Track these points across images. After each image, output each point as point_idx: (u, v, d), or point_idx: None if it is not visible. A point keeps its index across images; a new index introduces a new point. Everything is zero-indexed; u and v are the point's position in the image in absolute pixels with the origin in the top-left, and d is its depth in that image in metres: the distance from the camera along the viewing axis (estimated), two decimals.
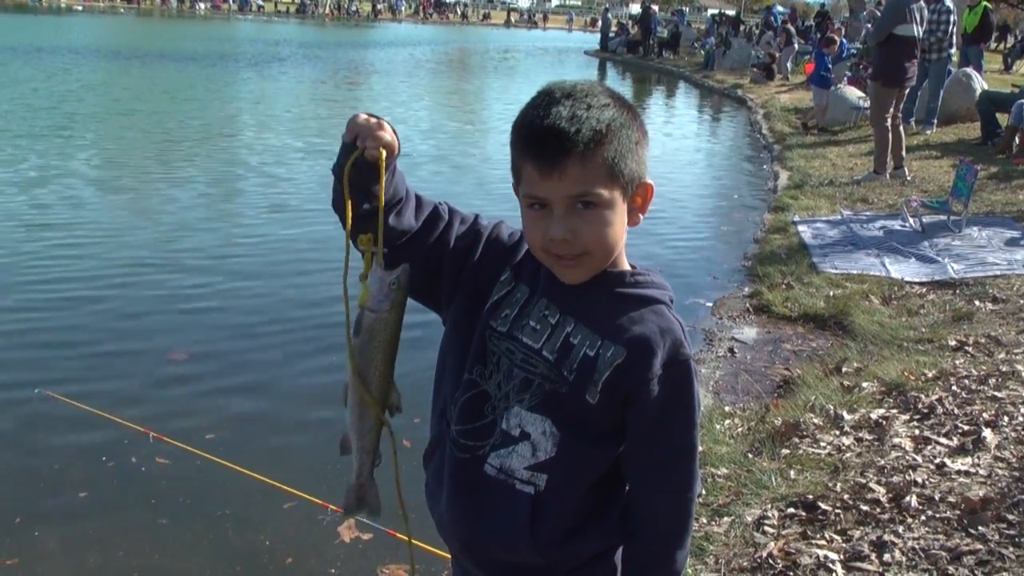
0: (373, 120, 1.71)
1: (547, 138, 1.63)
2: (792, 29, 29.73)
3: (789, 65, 27.18)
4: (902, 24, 10.78)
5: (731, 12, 51.09)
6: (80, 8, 63.84)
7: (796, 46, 28.38)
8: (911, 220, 8.89)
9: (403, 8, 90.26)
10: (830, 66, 17.18)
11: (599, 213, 1.67)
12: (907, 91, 11.71)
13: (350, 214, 1.72)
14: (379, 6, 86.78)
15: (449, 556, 2.02)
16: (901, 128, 11.34)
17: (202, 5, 74.94)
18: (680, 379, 1.73)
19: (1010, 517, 3.44)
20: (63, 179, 10.83)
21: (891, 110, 11.08)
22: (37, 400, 4.92)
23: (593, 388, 1.70)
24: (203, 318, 6.73)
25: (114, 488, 4.42)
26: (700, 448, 4.31)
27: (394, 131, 1.73)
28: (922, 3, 11.10)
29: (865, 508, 3.63)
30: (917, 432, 4.37)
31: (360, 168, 1.70)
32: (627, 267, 1.80)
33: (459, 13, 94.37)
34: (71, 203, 9.75)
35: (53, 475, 4.50)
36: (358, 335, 1.71)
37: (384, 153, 1.69)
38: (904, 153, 11.34)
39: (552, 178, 1.64)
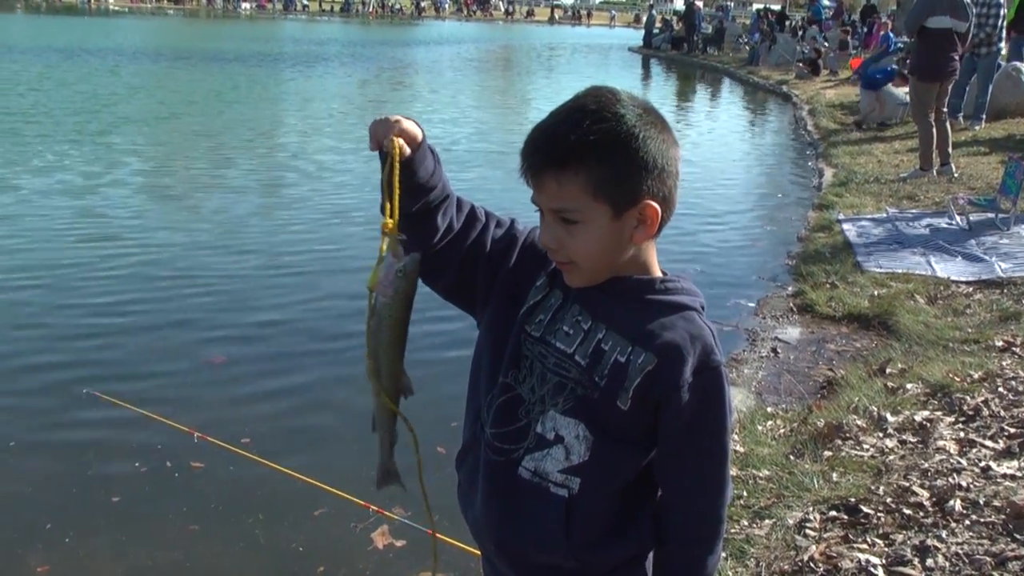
0: (389, 118, 1.75)
1: (528, 150, 1.71)
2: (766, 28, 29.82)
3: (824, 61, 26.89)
4: (933, 16, 10.63)
5: (776, 7, 50.63)
6: (126, 10, 64.62)
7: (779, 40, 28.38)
8: (958, 218, 8.78)
9: (447, 5, 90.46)
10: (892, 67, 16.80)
11: (581, 228, 1.70)
12: (950, 85, 11.51)
13: (395, 214, 1.74)
14: (422, 4, 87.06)
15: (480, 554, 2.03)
16: (947, 123, 11.17)
17: (246, 5, 75.56)
18: (711, 385, 1.73)
19: None
20: (110, 184, 10.92)
21: (933, 105, 10.93)
22: (85, 400, 4.99)
23: (624, 394, 1.71)
24: (246, 321, 6.79)
25: (158, 487, 4.49)
26: (742, 449, 4.34)
27: (416, 123, 1.76)
28: None
29: (908, 512, 3.60)
30: (962, 435, 4.32)
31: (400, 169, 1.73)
32: (657, 274, 1.81)
33: (503, 10, 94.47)
34: (118, 209, 9.84)
35: (97, 474, 4.59)
36: (371, 318, 1.75)
37: (399, 142, 1.71)
38: (951, 149, 11.17)
39: (535, 189, 1.71)
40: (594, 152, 1.65)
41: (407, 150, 1.73)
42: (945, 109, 11.22)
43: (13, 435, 4.94)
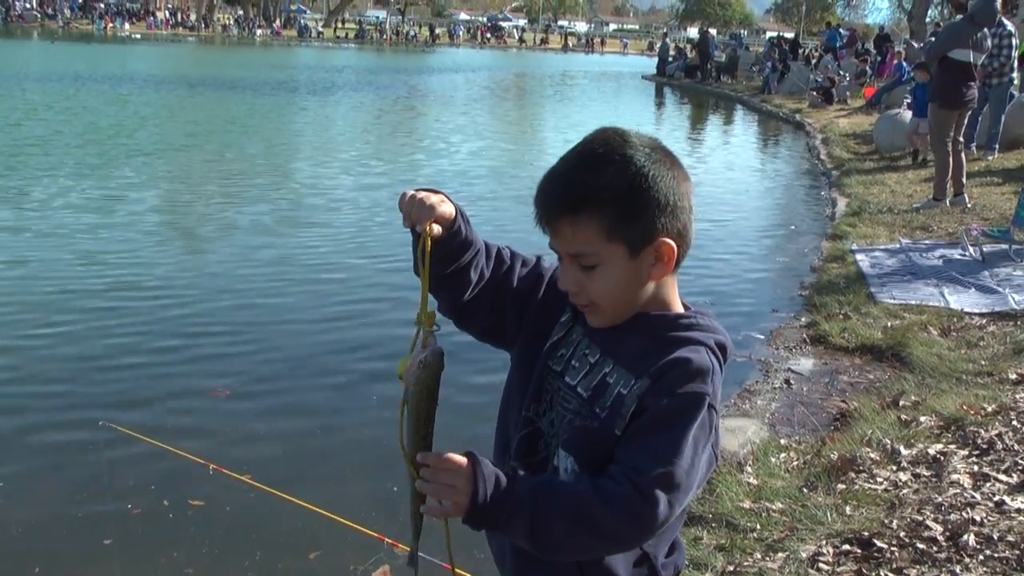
0: (419, 196, 1.78)
1: (541, 199, 1.74)
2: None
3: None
4: (958, 49, 10.70)
5: (789, 35, 50.78)
6: (139, 36, 65.21)
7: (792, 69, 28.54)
8: (971, 249, 8.78)
9: (461, 33, 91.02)
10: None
11: (600, 271, 1.73)
12: (967, 116, 11.56)
13: (425, 308, 1.77)
14: (437, 31, 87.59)
15: None
16: (962, 154, 11.20)
17: (261, 32, 76.14)
18: (685, 403, 1.67)
19: None
20: (121, 213, 10.98)
21: (951, 134, 10.97)
22: (101, 432, 5.01)
23: (621, 421, 1.72)
24: (257, 353, 6.79)
25: (172, 519, 4.50)
26: (755, 482, 4.34)
27: (448, 198, 1.81)
28: (986, 31, 10.99)
29: (922, 546, 3.60)
30: (976, 468, 4.32)
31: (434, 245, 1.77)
32: (677, 309, 1.83)
33: (517, 38, 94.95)
34: (128, 239, 9.87)
35: (114, 503, 4.61)
36: (402, 405, 1.78)
37: (434, 229, 1.76)
38: (965, 179, 11.19)
39: (551, 235, 1.74)
40: (605, 196, 1.68)
41: (439, 233, 1.77)
42: (961, 139, 11.24)
43: (31, 460, 5.01)
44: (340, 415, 5.80)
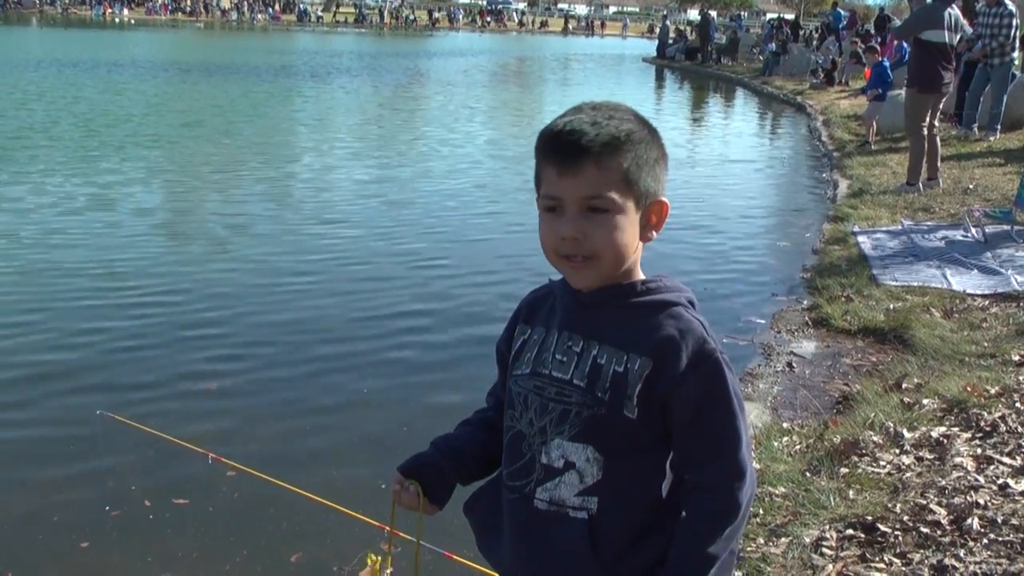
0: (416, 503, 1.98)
1: (568, 138, 1.72)
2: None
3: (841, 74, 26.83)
4: (931, 30, 10.63)
5: (790, 16, 50.58)
6: (133, 22, 65.01)
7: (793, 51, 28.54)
8: (973, 230, 8.75)
9: (460, 17, 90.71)
10: (889, 80, 16.61)
11: (610, 218, 1.73)
12: (943, 99, 11.50)
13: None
14: (436, 15, 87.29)
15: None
16: (937, 138, 11.19)
17: (261, 17, 75.92)
18: (710, 374, 1.74)
19: None
20: (116, 201, 10.95)
21: (927, 119, 10.93)
22: (98, 421, 4.99)
23: (629, 403, 1.74)
24: (252, 341, 6.77)
25: (169, 508, 4.50)
26: (758, 466, 4.32)
27: (440, 475, 2.01)
28: (954, 9, 10.90)
29: (926, 530, 3.58)
30: (979, 451, 4.30)
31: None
32: (641, 276, 1.84)
33: (517, 21, 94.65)
34: (124, 228, 9.83)
35: (113, 494, 4.61)
36: None
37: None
38: (940, 163, 11.20)
39: (568, 176, 1.72)
40: (636, 138, 1.74)
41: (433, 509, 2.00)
42: (936, 123, 11.20)
43: (32, 449, 5.02)
44: (338, 405, 5.77)
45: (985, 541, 3.46)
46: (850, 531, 3.68)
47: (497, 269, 8.59)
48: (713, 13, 44.47)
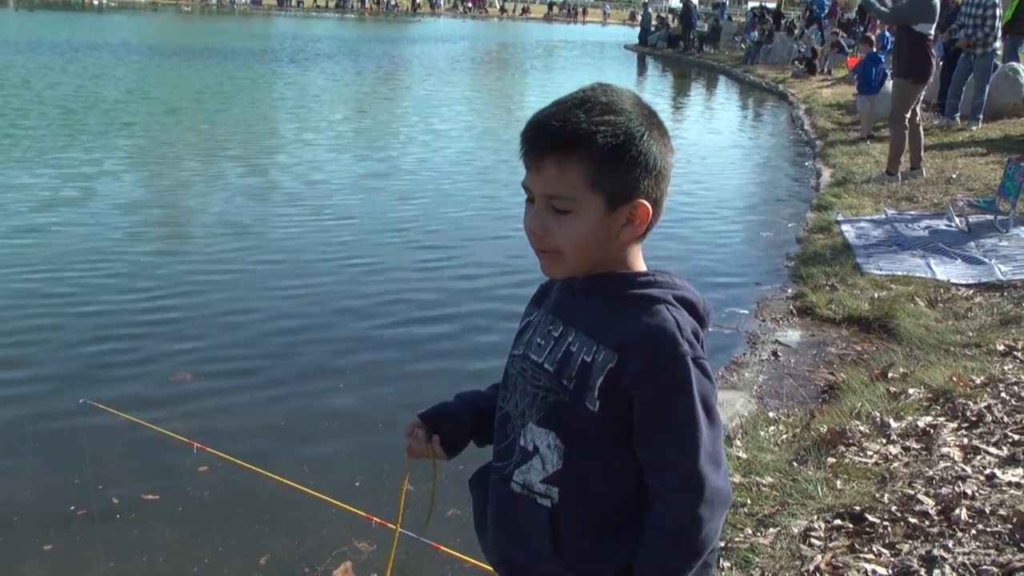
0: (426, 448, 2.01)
1: (533, 132, 1.70)
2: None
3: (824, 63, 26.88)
4: (925, 23, 10.66)
5: (771, 5, 50.58)
6: (115, 5, 64.42)
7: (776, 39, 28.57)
8: (957, 220, 8.76)
9: (442, 2, 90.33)
10: (887, 71, 16.54)
11: (572, 218, 1.70)
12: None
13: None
14: (418, 1, 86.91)
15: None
16: (921, 127, 11.25)
17: (241, 0, 75.40)
18: (673, 377, 1.67)
19: None
20: (95, 190, 10.81)
21: (912, 107, 10.97)
22: (81, 410, 4.94)
23: (591, 395, 1.71)
24: (235, 330, 6.69)
25: (155, 497, 4.44)
26: (745, 456, 4.31)
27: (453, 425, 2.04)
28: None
29: (914, 521, 3.57)
30: (966, 441, 4.30)
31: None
32: (638, 269, 1.80)
33: (498, 7, 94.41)
34: (106, 217, 9.74)
35: (95, 483, 4.54)
36: None
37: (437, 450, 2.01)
38: (923, 152, 11.25)
39: (533, 171, 1.71)
40: (599, 141, 1.66)
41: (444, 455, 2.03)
42: (919, 111, 11.25)
43: (17, 440, 4.96)
44: (325, 392, 5.71)
45: (974, 532, 3.45)
46: (838, 521, 3.67)
47: (496, 262, 8.46)
48: (695, 1, 44.35)
